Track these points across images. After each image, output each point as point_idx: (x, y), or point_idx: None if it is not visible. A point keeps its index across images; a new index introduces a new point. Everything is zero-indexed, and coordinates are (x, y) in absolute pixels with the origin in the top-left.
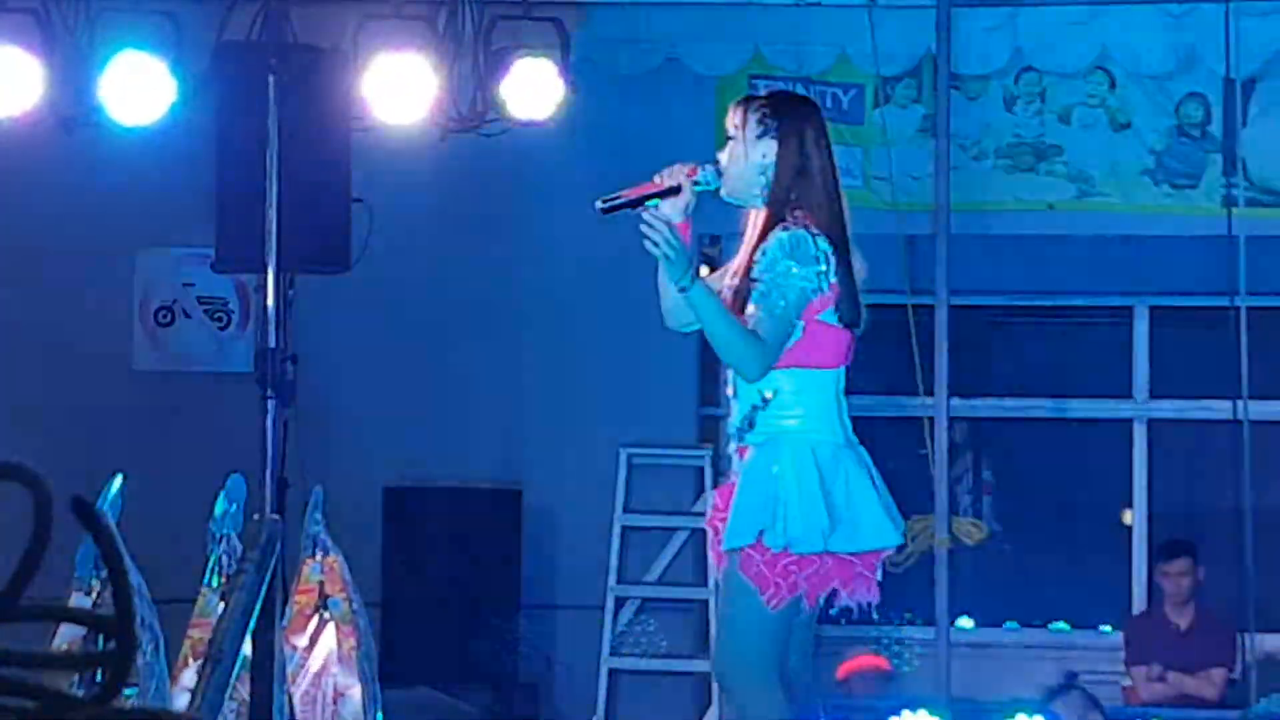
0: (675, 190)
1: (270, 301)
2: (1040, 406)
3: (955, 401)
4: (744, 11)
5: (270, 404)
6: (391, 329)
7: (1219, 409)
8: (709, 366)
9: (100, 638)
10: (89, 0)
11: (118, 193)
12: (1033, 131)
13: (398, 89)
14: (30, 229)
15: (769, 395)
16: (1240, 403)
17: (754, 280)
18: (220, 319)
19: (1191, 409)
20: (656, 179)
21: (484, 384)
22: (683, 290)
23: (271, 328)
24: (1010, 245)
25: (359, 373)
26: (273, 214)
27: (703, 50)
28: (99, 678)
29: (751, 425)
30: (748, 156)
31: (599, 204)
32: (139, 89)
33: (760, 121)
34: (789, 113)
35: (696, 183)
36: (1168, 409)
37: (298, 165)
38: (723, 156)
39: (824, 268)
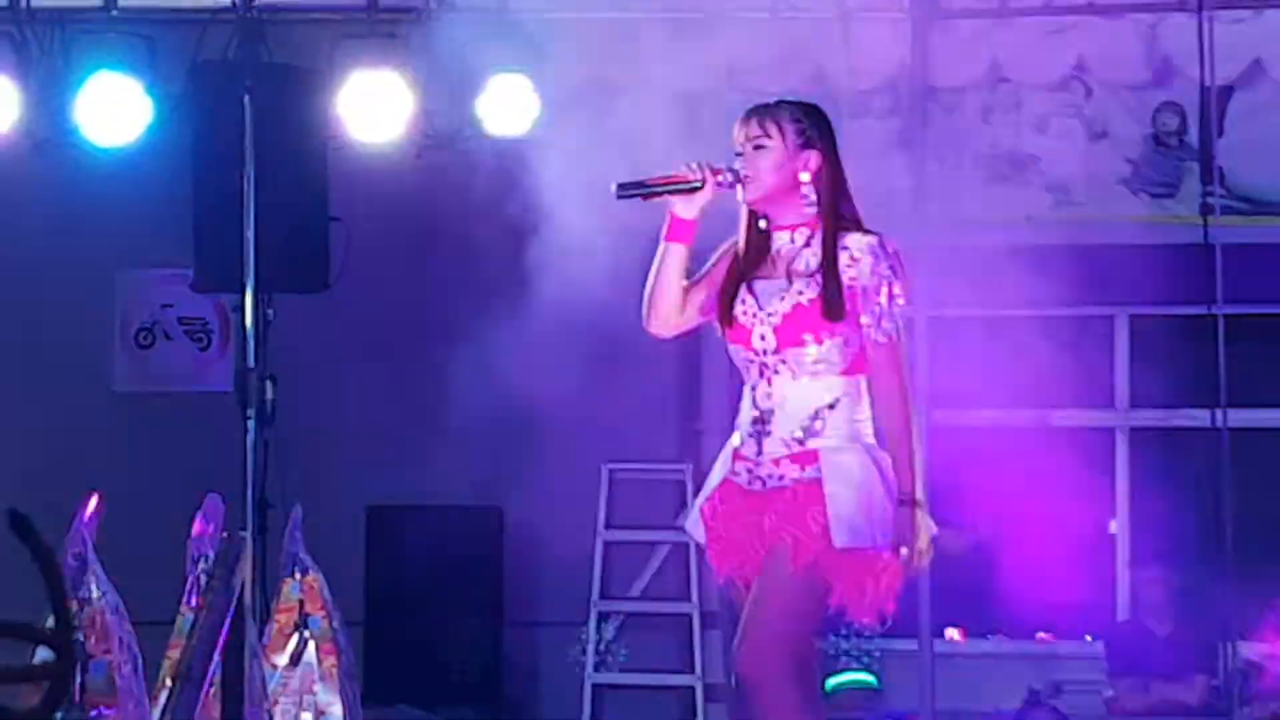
0: (698, 187)
1: (249, 321)
2: (1021, 417)
3: (936, 413)
4: (718, 25)
5: (251, 424)
6: (371, 346)
7: (1198, 417)
8: (688, 380)
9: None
10: (64, 22)
11: (95, 214)
12: (1009, 142)
13: (373, 107)
14: (8, 251)
15: (835, 397)
16: (1219, 411)
17: (854, 279)
18: (200, 339)
19: (1172, 418)
20: (683, 169)
21: (465, 400)
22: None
23: (251, 347)
24: (988, 256)
25: (339, 391)
26: (250, 234)
27: (677, 65)
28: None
29: (817, 432)
30: (788, 166)
31: (614, 186)
32: (115, 110)
33: (801, 133)
34: (824, 123)
35: (720, 183)
36: (1149, 418)
37: (275, 185)
38: (755, 164)
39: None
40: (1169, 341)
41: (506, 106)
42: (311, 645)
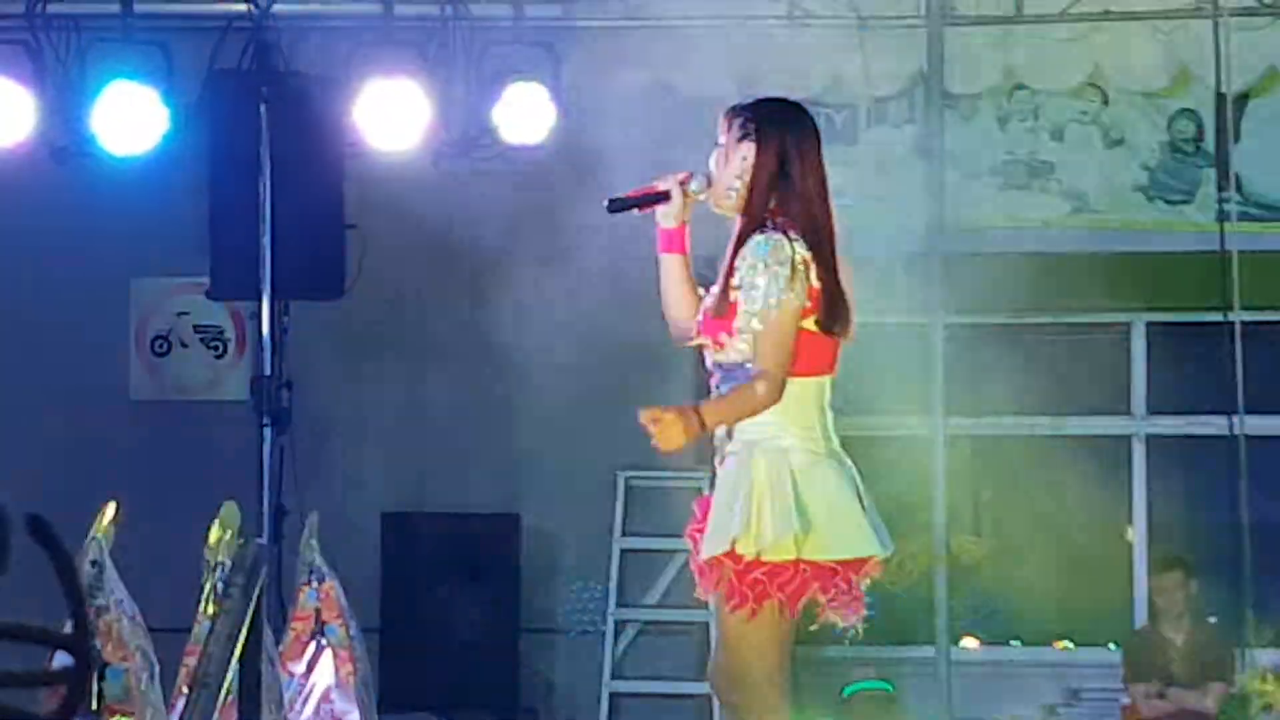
0: (666, 195)
1: (265, 329)
2: (1038, 424)
3: (953, 420)
4: (734, 33)
5: (267, 431)
6: (387, 354)
7: (1216, 424)
8: (705, 388)
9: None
10: (80, 31)
11: (111, 223)
12: (1026, 149)
13: (390, 115)
14: (24, 261)
15: None
16: (1236, 418)
17: (737, 288)
18: (216, 347)
19: (1189, 425)
20: (655, 183)
21: (481, 408)
22: (705, 429)
23: (267, 355)
24: (1005, 263)
25: (355, 398)
26: (266, 242)
27: (693, 72)
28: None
29: (730, 435)
30: (729, 161)
31: (605, 201)
32: (131, 119)
33: (741, 126)
34: (769, 117)
35: (684, 190)
36: (1166, 425)
37: (291, 193)
38: (710, 164)
39: (794, 272)
40: (1186, 348)
41: (523, 114)
42: (328, 653)
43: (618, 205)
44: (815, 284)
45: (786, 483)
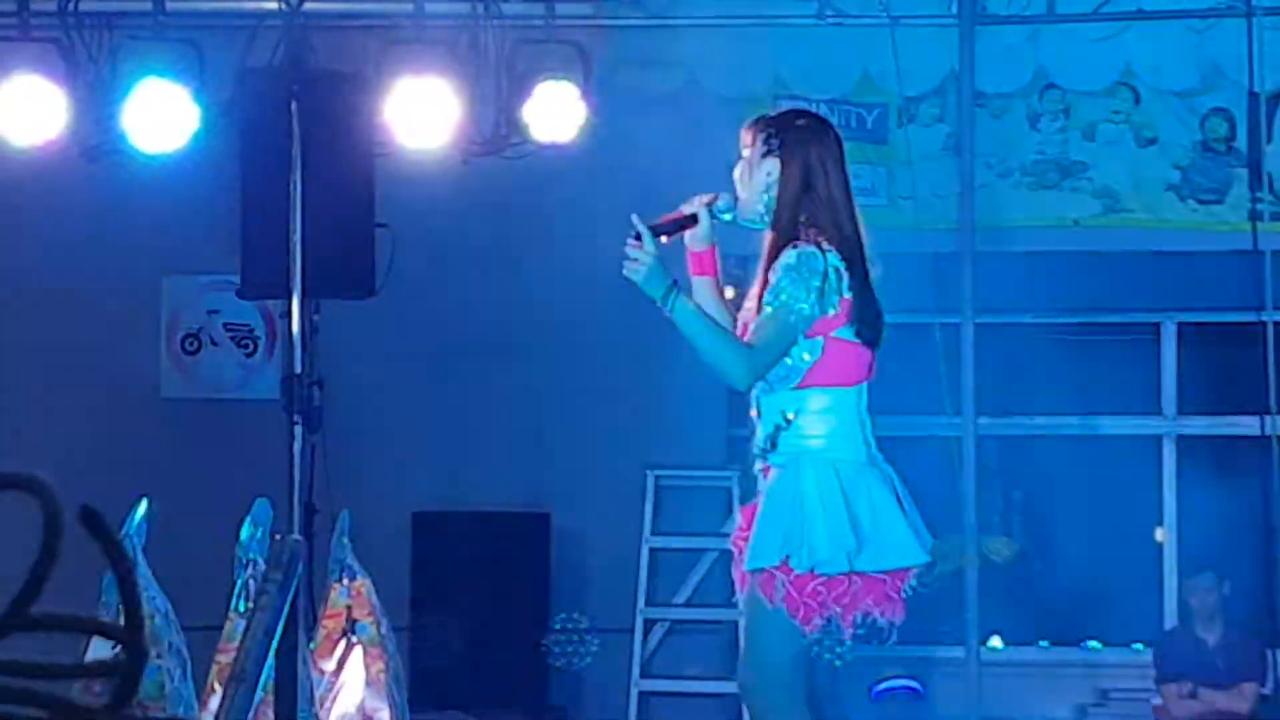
0: (694, 220)
1: (296, 327)
2: (1068, 424)
3: (983, 420)
4: (765, 32)
5: (297, 430)
6: (417, 353)
7: (1247, 425)
8: (744, 402)
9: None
10: (111, 29)
11: (142, 221)
12: (1057, 148)
13: (420, 113)
14: (55, 258)
15: (791, 415)
16: (1269, 418)
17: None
18: (247, 346)
19: (1220, 425)
20: (681, 208)
21: (511, 407)
22: (667, 310)
23: (297, 354)
24: (1036, 262)
25: (385, 397)
26: (297, 240)
27: (724, 71)
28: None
29: (774, 445)
30: (753, 176)
31: (631, 236)
32: (162, 117)
33: (765, 141)
34: (792, 130)
35: (713, 212)
36: (1197, 425)
37: (321, 191)
38: (737, 176)
39: (825, 284)
40: (1217, 348)
41: (553, 113)
42: (359, 650)
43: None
44: (847, 294)
45: (837, 495)
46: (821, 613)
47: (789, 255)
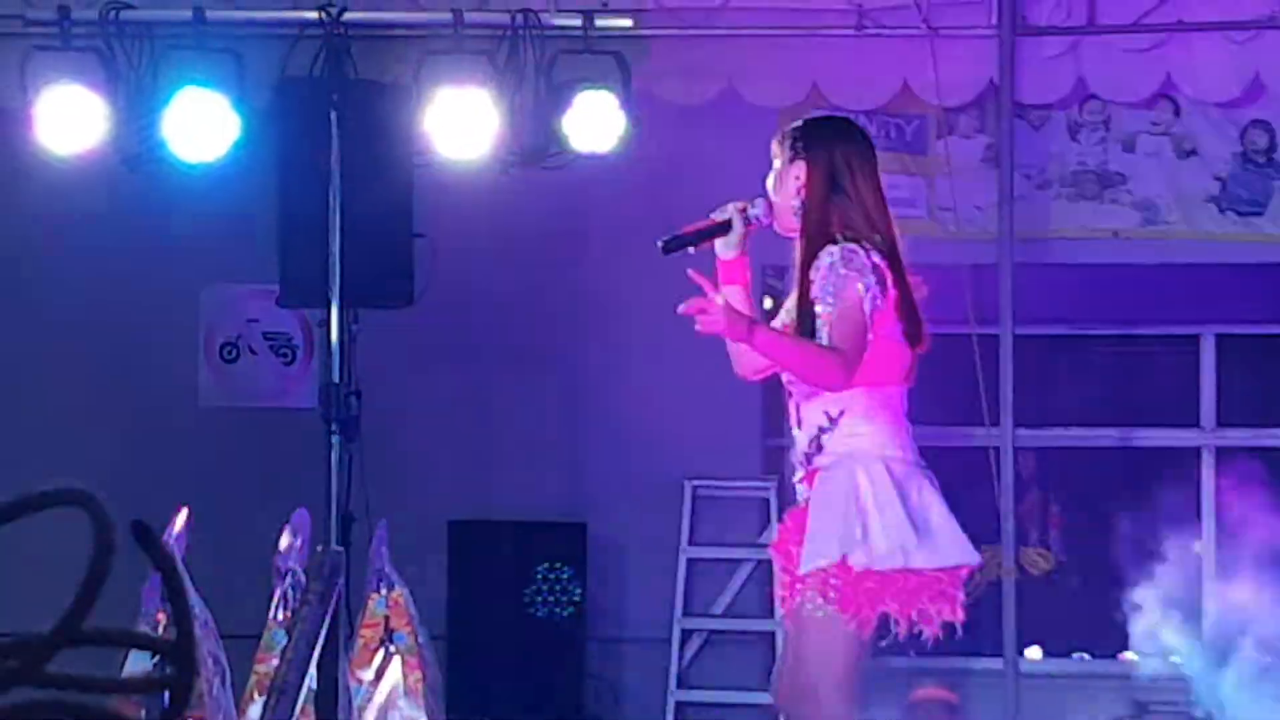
0: (726, 227)
1: (334, 337)
2: (1107, 435)
3: (1021, 431)
4: (804, 42)
5: (335, 439)
6: (455, 362)
7: None
8: (773, 397)
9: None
10: (152, 38)
11: (182, 230)
12: (1097, 160)
13: (460, 123)
14: (95, 266)
15: (835, 414)
16: None
17: (813, 300)
18: (285, 354)
19: (1260, 437)
20: (712, 216)
21: (548, 416)
22: (752, 346)
23: (336, 363)
24: (1075, 274)
25: (423, 406)
26: (336, 249)
27: (762, 82)
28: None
29: (820, 448)
30: (783, 183)
31: (659, 244)
32: (202, 126)
33: (791, 146)
34: (816, 134)
35: (746, 218)
36: (1236, 437)
37: (360, 200)
38: (767, 185)
39: (876, 278)
40: (1256, 360)
41: (593, 123)
42: (397, 660)
43: (673, 245)
44: (893, 290)
45: (892, 492)
46: (875, 611)
47: (832, 253)
